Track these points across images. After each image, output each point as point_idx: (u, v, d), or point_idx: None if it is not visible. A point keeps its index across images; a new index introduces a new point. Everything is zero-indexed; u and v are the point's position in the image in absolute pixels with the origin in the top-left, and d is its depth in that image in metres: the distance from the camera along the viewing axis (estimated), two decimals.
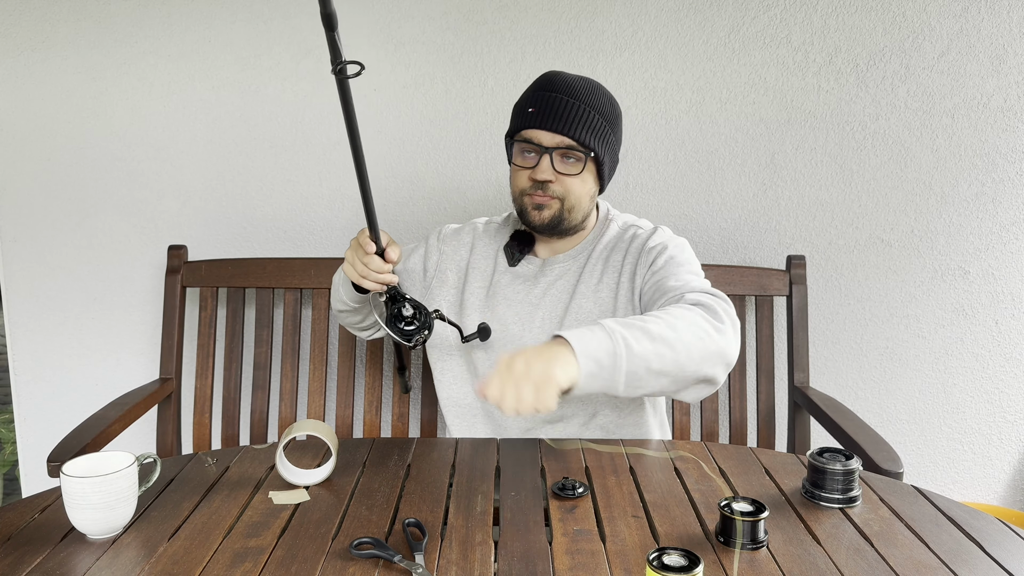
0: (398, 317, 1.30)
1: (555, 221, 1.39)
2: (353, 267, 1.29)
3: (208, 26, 1.91)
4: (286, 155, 1.98)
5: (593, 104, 1.36)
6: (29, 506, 1.13)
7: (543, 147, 1.35)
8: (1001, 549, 1.02)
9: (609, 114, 1.38)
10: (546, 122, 1.34)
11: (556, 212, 1.38)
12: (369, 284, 1.29)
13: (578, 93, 1.35)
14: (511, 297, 1.45)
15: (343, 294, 1.44)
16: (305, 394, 1.90)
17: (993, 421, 2.04)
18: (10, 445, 2.48)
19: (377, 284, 1.29)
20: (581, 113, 1.34)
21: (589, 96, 1.36)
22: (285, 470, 1.20)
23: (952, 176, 1.93)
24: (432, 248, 1.54)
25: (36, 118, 1.96)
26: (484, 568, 0.96)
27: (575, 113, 1.34)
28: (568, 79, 1.37)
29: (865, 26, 1.88)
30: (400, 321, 1.30)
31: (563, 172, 1.36)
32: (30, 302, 2.04)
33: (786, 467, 1.26)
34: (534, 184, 1.37)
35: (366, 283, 1.29)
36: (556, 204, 1.37)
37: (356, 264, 1.29)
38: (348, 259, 1.30)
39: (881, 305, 2.00)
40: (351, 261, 1.30)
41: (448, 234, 1.55)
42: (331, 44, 1.00)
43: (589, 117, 1.34)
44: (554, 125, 1.33)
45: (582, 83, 1.37)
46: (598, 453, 1.31)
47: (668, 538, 1.04)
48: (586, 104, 1.35)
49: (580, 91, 1.36)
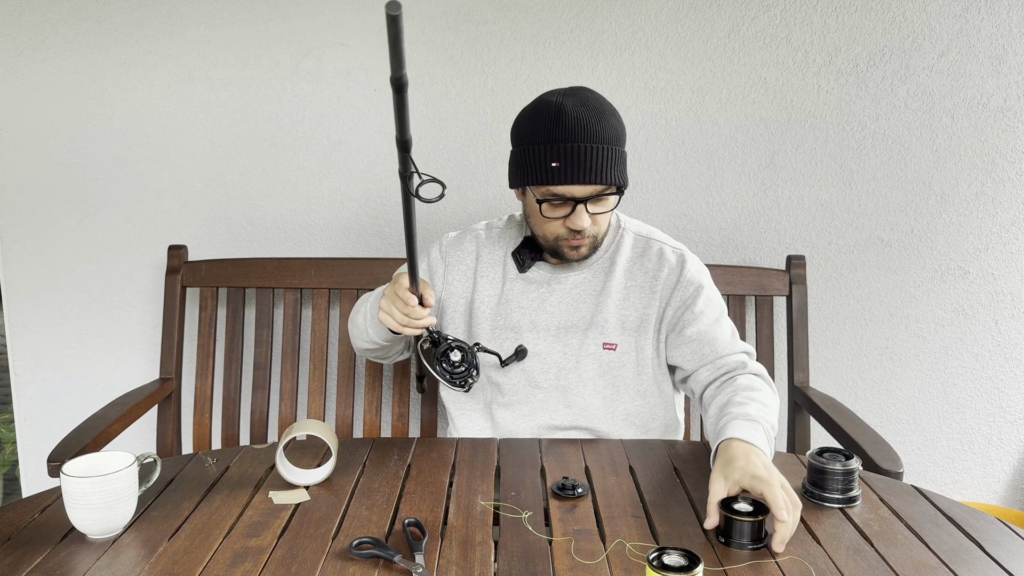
0: (444, 359, 1.28)
1: (591, 253, 1.40)
2: (392, 316, 1.26)
3: (208, 26, 1.91)
4: (286, 155, 1.98)
5: (609, 138, 1.30)
6: (29, 506, 1.13)
7: (576, 199, 1.31)
8: (1001, 549, 1.02)
9: (620, 135, 1.32)
10: (576, 176, 1.28)
11: (590, 247, 1.38)
12: (410, 332, 1.27)
13: (595, 133, 1.28)
14: (525, 305, 1.44)
15: (373, 335, 1.41)
16: (305, 394, 1.91)
17: (993, 421, 2.04)
18: (10, 445, 2.48)
19: (418, 330, 1.27)
20: (605, 155, 1.29)
21: (603, 131, 1.29)
22: (285, 470, 1.20)
23: (952, 176, 1.93)
24: (436, 260, 1.51)
25: (36, 118, 1.96)
26: (484, 568, 0.96)
27: (600, 157, 1.29)
28: (579, 118, 1.29)
29: (865, 26, 1.88)
30: (447, 363, 1.28)
31: (597, 212, 1.33)
32: (30, 302, 2.04)
33: (786, 467, 1.26)
34: (570, 231, 1.34)
35: (407, 331, 1.27)
36: (590, 241, 1.37)
37: (396, 315, 1.25)
38: (385, 308, 1.27)
39: (881, 305, 2.00)
40: (388, 311, 1.26)
41: (450, 243, 1.52)
42: (407, 163, 0.98)
43: (611, 155, 1.30)
44: (585, 178, 1.28)
45: (592, 116, 1.29)
46: (597, 452, 1.31)
47: (668, 538, 1.04)
48: (605, 142, 1.29)
49: (595, 129, 1.29)
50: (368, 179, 1.98)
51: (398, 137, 0.94)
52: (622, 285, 1.43)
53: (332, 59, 1.92)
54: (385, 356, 1.52)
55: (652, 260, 1.44)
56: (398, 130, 0.93)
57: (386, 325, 1.27)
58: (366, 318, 1.41)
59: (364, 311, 1.42)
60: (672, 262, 1.43)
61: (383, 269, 1.87)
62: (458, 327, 1.48)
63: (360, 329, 1.44)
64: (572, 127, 1.28)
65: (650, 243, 1.46)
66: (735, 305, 1.84)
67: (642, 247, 1.46)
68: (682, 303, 1.41)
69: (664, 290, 1.42)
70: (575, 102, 1.30)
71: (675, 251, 1.45)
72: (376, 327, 1.38)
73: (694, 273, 1.43)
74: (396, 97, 0.87)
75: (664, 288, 1.42)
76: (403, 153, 0.95)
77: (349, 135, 1.96)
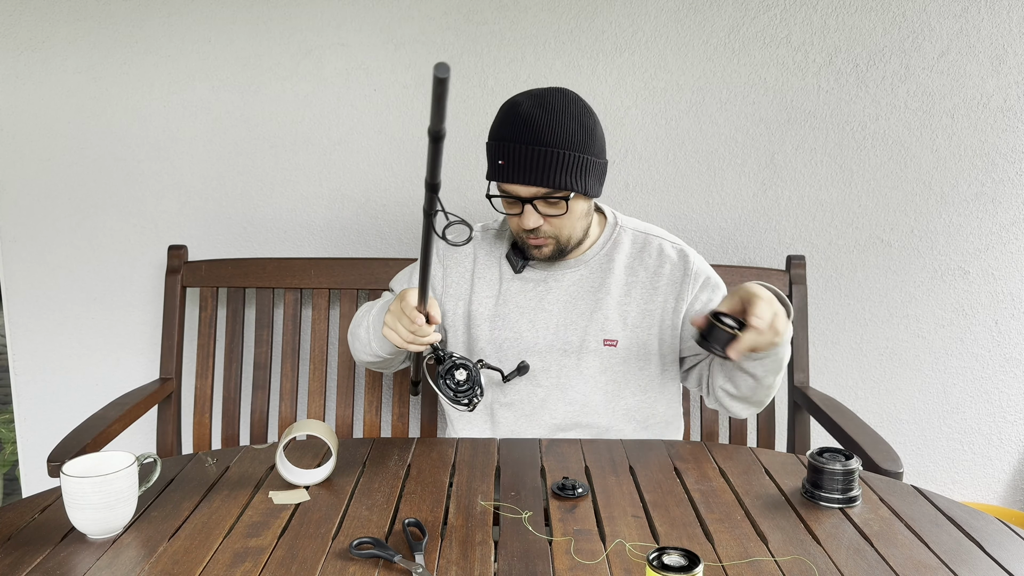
0: (449, 377, 1.26)
1: (556, 254, 1.40)
2: (397, 333, 1.24)
3: (208, 26, 1.91)
4: (286, 155, 1.98)
5: (559, 142, 1.29)
6: (29, 506, 1.13)
7: (521, 198, 1.33)
8: (1001, 549, 1.02)
9: (580, 141, 1.30)
10: (517, 176, 1.30)
11: (554, 248, 1.39)
12: (415, 349, 1.26)
13: (542, 136, 1.28)
14: (523, 305, 1.45)
15: (377, 348, 1.40)
16: (305, 394, 1.90)
17: (993, 421, 2.04)
18: (10, 445, 2.48)
19: (422, 347, 1.26)
20: (549, 158, 1.28)
21: (554, 134, 1.28)
22: (285, 470, 1.20)
23: (952, 176, 1.93)
24: (435, 264, 1.51)
25: (36, 118, 1.96)
26: (484, 568, 0.96)
27: (544, 160, 1.28)
28: (530, 117, 1.29)
29: (865, 26, 1.88)
30: (451, 381, 1.26)
31: (549, 214, 1.34)
32: (30, 302, 2.04)
33: (786, 467, 1.26)
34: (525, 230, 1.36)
35: (412, 348, 1.25)
36: (552, 242, 1.38)
37: (401, 332, 1.24)
38: (390, 324, 1.25)
39: (881, 305, 2.00)
40: (393, 327, 1.24)
41: (446, 247, 1.52)
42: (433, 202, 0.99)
43: (558, 159, 1.29)
44: (525, 178, 1.29)
45: (545, 118, 1.29)
46: (597, 452, 1.31)
47: (668, 538, 1.04)
48: (552, 146, 1.28)
49: (544, 132, 1.28)
50: (368, 179, 1.98)
51: (428, 180, 0.94)
52: (623, 281, 1.44)
53: (332, 59, 1.92)
54: (387, 367, 1.51)
55: (653, 256, 1.46)
56: (429, 174, 0.93)
57: (391, 341, 1.26)
58: (369, 332, 1.40)
59: (367, 324, 1.41)
60: (674, 258, 1.45)
61: (383, 269, 1.87)
62: (457, 329, 1.49)
63: (363, 343, 1.43)
64: (520, 127, 1.29)
65: (649, 239, 1.48)
66: None
67: (641, 243, 1.47)
68: (694, 295, 1.44)
69: (670, 285, 1.44)
70: (534, 103, 1.31)
71: (675, 246, 1.47)
72: (380, 341, 1.38)
73: (700, 265, 1.46)
74: (432, 147, 0.89)
75: (670, 283, 1.44)
76: (431, 194, 0.97)
77: (349, 135, 1.96)
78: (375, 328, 1.38)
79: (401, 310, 1.22)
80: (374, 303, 1.47)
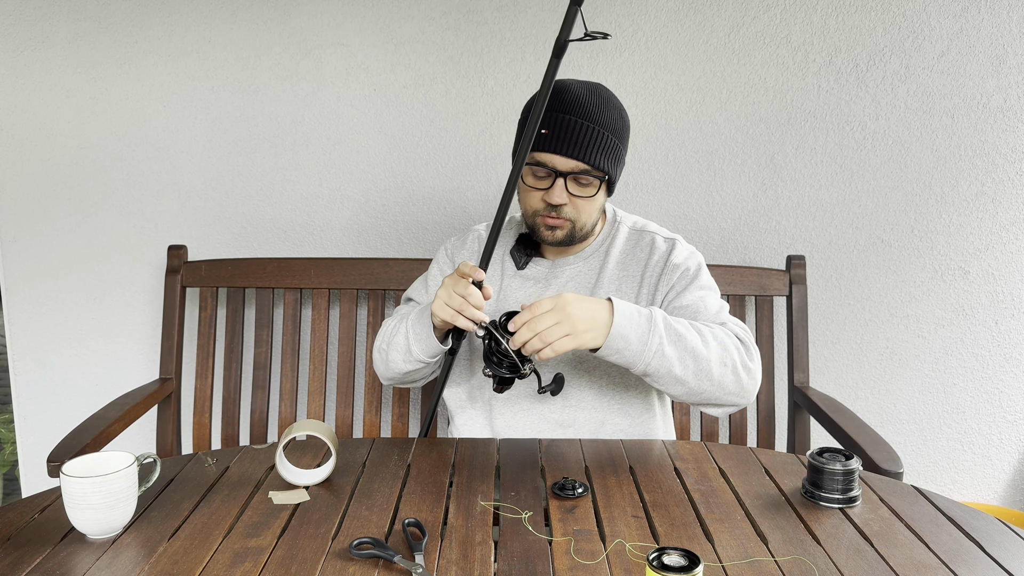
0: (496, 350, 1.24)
1: (567, 240, 1.40)
2: (449, 304, 1.25)
3: (208, 26, 1.91)
4: (286, 155, 1.98)
5: (606, 123, 1.33)
6: (29, 506, 1.13)
7: (557, 171, 1.33)
8: (1001, 549, 1.02)
9: (620, 130, 1.35)
10: (561, 146, 1.31)
11: (568, 232, 1.39)
12: (463, 321, 1.25)
13: (591, 113, 1.32)
14: (523, 300, 1.46)
15: (417, 352, 1.38)
16: (305, 394, 1.90)
17: (993, 421, 2.04)
18: (10, 445, 2.48)
19: (469, 322, 1.25)
20: (596, 136, 1.31)
21: (601, 115, 1.32)
22: (285, 470, 1.20)
23: (952, 176, 1.93)
24: (444, 262, 1.54)
25: (36, 118, 1.96)
26: (484, 568, 0.96)
27: (590, 136, 1.31)
28: (580, 96, 1.33)
29: (865, 26, 1.88)
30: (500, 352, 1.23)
31: (577, 195, 1.35)
32: (30, 302, 2.04)
33: (786, 467, 1.26)
34: (547, 206, 1.36)
35: (459, 319, 1.25)
36: (568, 225, 1.38)
37: (453, 297, 1.24)
38: (442, 297, 1.26)
39: (881, 305, 2.00)
40: (446, 298, 1.25)
41: (454, 245, 1.55)
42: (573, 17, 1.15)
43: (603, 139, 1.32)
44: (569, 150, 1.31)
45: (594, 99, 1.33)
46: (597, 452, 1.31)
47: (668, 538, 1.04)
48: (599, 125, 1.32)
49: (593, 110, 1.32)
50: (368, 179, 1.98)
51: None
52: (615, 276, 1.45)
53: (332, 59, 1.92)
54: (417, 378, 1.49)
55: (644, 250, 1.46)
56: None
57: (438, 315, 1.27)
58: (408, 336, 1.39)
59: (405, 329, 1.40)
60: (662, 249, 1.44)
61: (383, 269, 1.87)
62: None
63: (401, 350, 1.41)
64: (570, 101, 1.33)
65: (643, 234, 1.48)
66: (735, 305, 1.84)
67: (635, 239, 1.48)
68: (669, 287, 1.41)
69: (651, 276, 1.43)
70: (583, 85, 1.36)
71: (667, 240, 1.46)
72: (421, 343, 1.37)
73: (681, 258, 1.43)
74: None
75: (651, 274, 1.43)
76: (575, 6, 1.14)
77: (349, 135, 1.96)
78: (415, 330, 1.37)
79: (455, 278, 1.26)
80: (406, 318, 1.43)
